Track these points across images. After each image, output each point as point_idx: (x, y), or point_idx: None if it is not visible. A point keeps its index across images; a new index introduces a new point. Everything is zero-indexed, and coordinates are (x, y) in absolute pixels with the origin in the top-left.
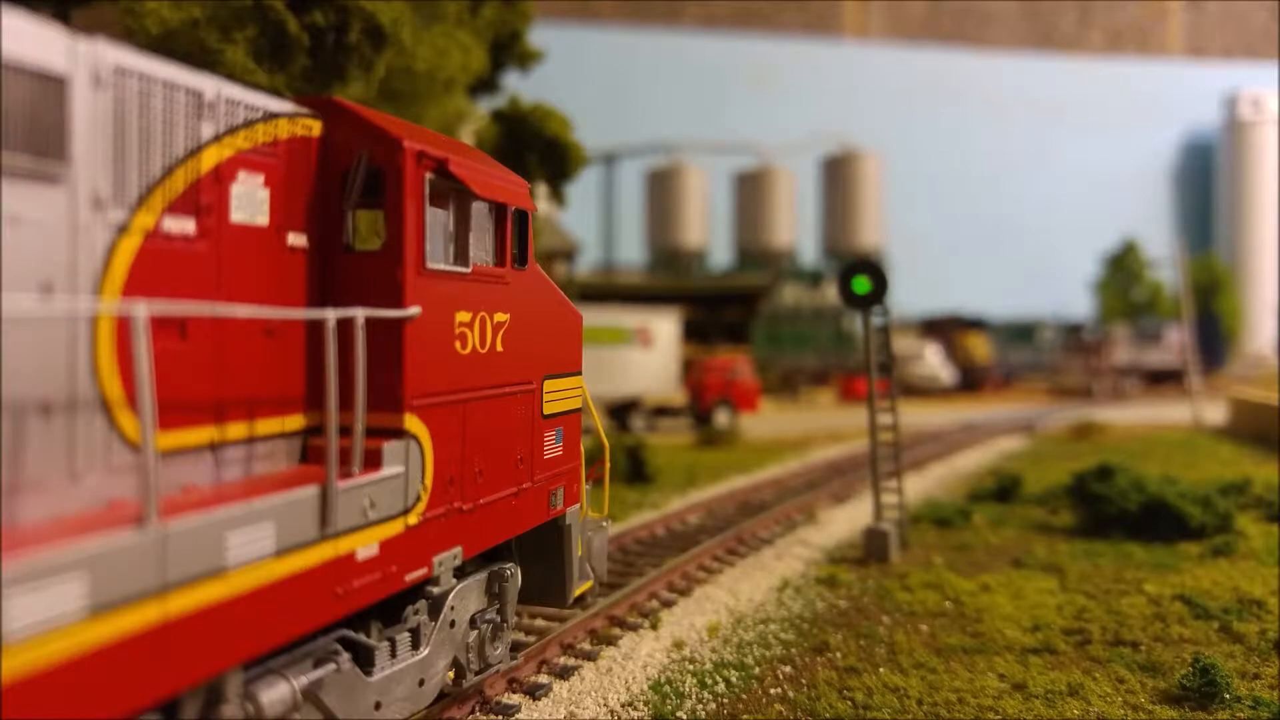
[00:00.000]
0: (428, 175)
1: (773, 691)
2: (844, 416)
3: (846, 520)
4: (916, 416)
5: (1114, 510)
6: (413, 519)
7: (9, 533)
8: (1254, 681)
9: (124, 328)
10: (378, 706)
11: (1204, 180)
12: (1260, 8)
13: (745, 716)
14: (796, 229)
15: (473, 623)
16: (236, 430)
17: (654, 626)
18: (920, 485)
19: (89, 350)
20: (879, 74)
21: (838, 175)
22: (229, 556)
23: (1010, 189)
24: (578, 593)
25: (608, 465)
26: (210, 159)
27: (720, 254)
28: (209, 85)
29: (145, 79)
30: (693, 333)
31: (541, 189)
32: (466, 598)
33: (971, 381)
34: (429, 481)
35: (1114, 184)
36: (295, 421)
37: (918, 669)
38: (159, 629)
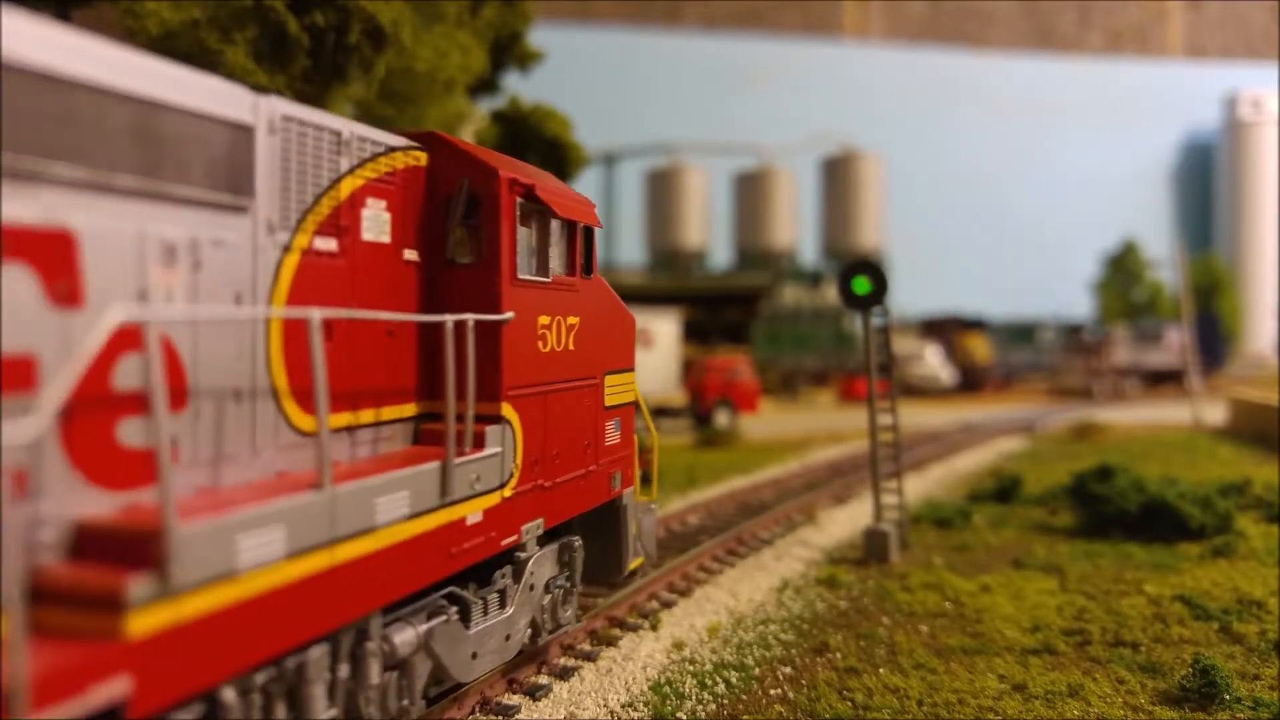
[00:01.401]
0: (518, 199)
1: (773, 692)
2: (844, 417)
3: (846, 521)
4: (916, 417)
5: (1114, 511)
6: (507, 492)
7: (221, 494)
8: (1254, 682)
9: (291, 329)
10: (474, 656)
11: (1204, 181)
12: (1260, 8)
13: (745, 717)
14: (796, 229)
15: (547, 588)
16: (367, 416)
17: (654, 627)
18: (920, 486)
19: (264, 348)
20: (879, 74)
21: (838, 176)
22: (378, 517)
23: (1010, 190)
24: (631, 568)
25: (656, 454)
26: (347, 188)
27: (720, 254)
28: (344, 126)
29: (301, 123)
30: (693, 333)
31: None
32: (543, 565)
33: (971, 382)
34: (519, 461)
35: (1114, 184)
36: (410, 409)
37: (918, 670)
38: (329, 573)
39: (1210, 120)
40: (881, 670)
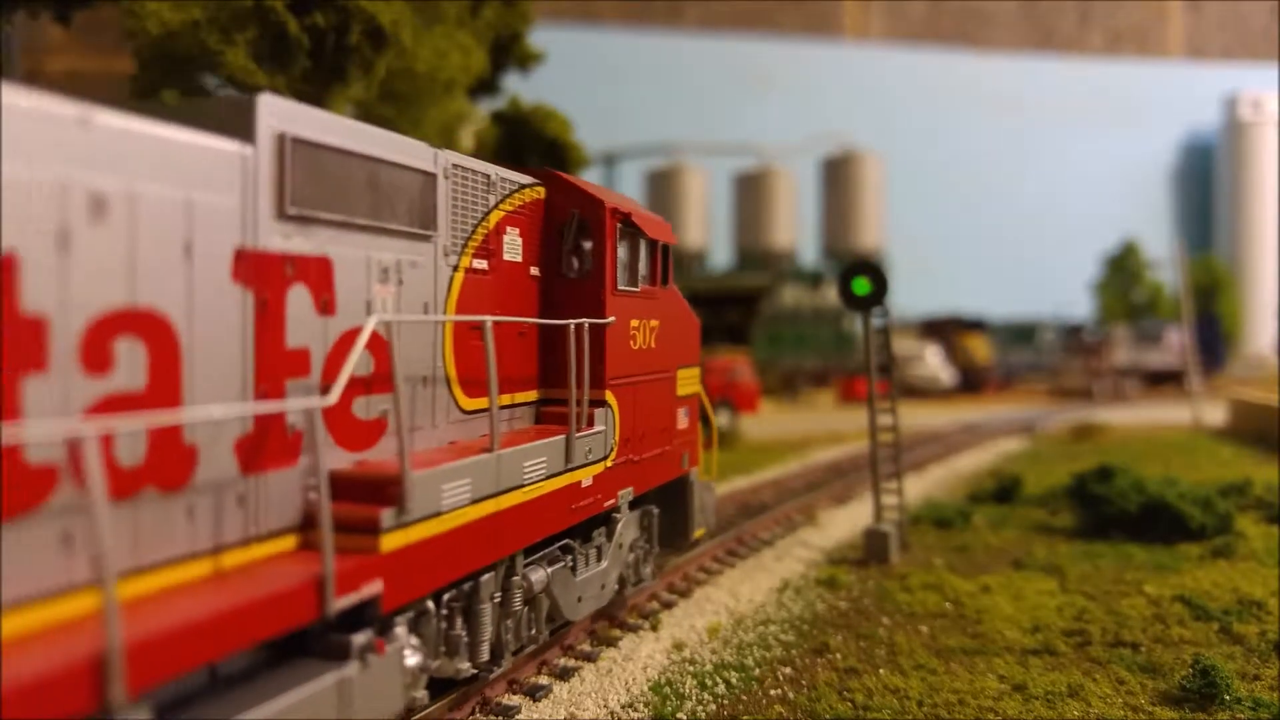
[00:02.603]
0: (618, 224)
1: (773, 693)
2: (844, 418)
3: (847, 521)
4: (916, 418)
5: (1114, 511)
6: (609, 463)
7: (418, 455)
8: (1254, 683)
9: (458, 331)
10: (579, 600)
11: (1204, 181)
12: (1260, 8)
13: (745, 717)
14: (797, 230)
15: (631, 548)
16: (505, 399)
17: (654, 628)
18: (920, 486)
19: (441, 346)
20: (879, 75)
21: (838, 176)
22: (526, 476)
23: (1010, 190)
24: (696, 535)
25: (715, 438)
26: (494, 219)
27: (720, 255)
28: (491, 170)
29: (464, 170)
30: None
31: None
32: (630, 528)
33: (971, 383)
34: (617, 438)
35: (1114, 185)
36: (533, 395)
37: (918, 670)
38: (495, 517)
39: (1210, 121)
40: (882, 671)
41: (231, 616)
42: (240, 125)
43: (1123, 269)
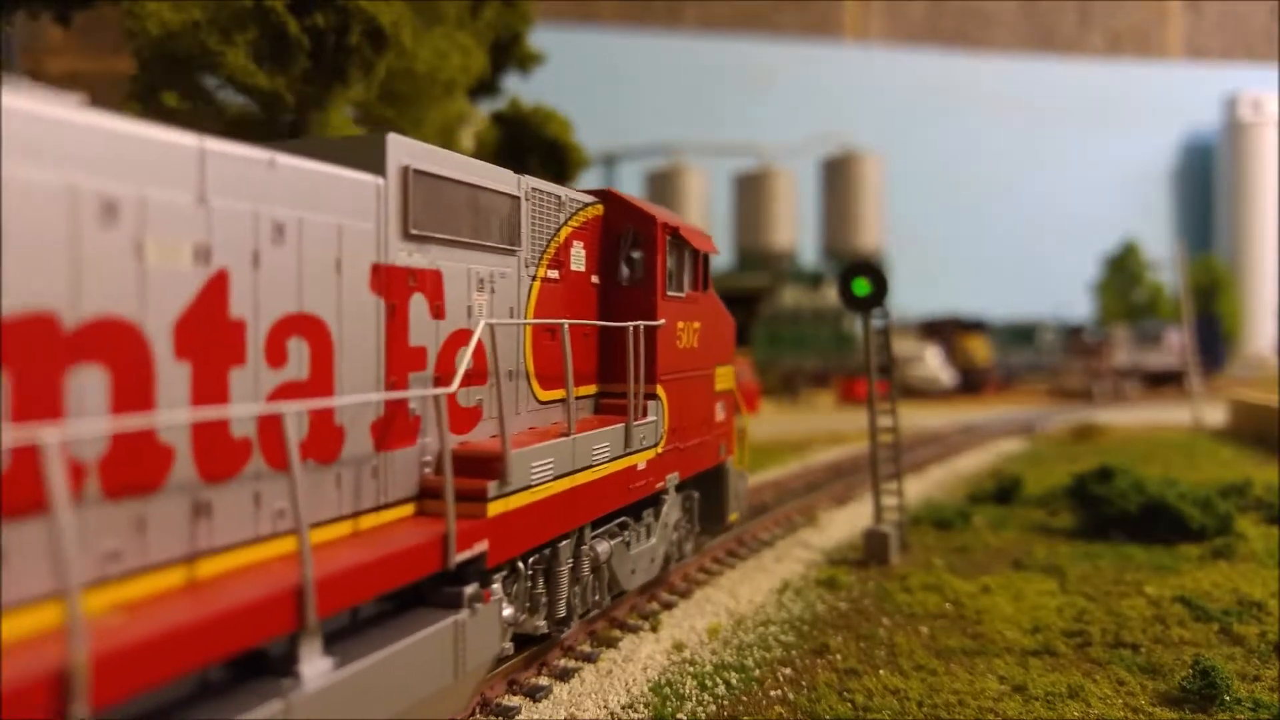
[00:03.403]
0: (668, 237)
1: (773, 693)
2: (844, 418)
3: (847, 522)
4: (916, 418)
5: (1114, 512)
6: (659, 449)
7: (517, 436)
8: (1254, 684)
9: (536, 332)
10: (633, 572)
11: (1204, 182)
12: (1259, 9)
13: (745, 718)
14: (797, 230)
15: (675, 527)
16: (562, 393)
17: (654, 629)
18: (920, 487)
19: (522, 344)
20: (879, 75)
21: (838, 176)
22: (594, 458)
23: (1010, 190)
24: (730, 519)
25: (747, 430)
26: (563, 234)
27: (720, 255)
28: (562, 192)
29: (541, 193)
30: None
31: None
32: (674, 509)
33: (971, 383)
34: (665, 427)
35: (1114, 186)
36: (593, 389)
37: (918, 671)
38: (571, 492)
39: (1210, 121)
40: (882, 671)
41: (384, 563)
42: (373, 160)
43: (1123, 269)
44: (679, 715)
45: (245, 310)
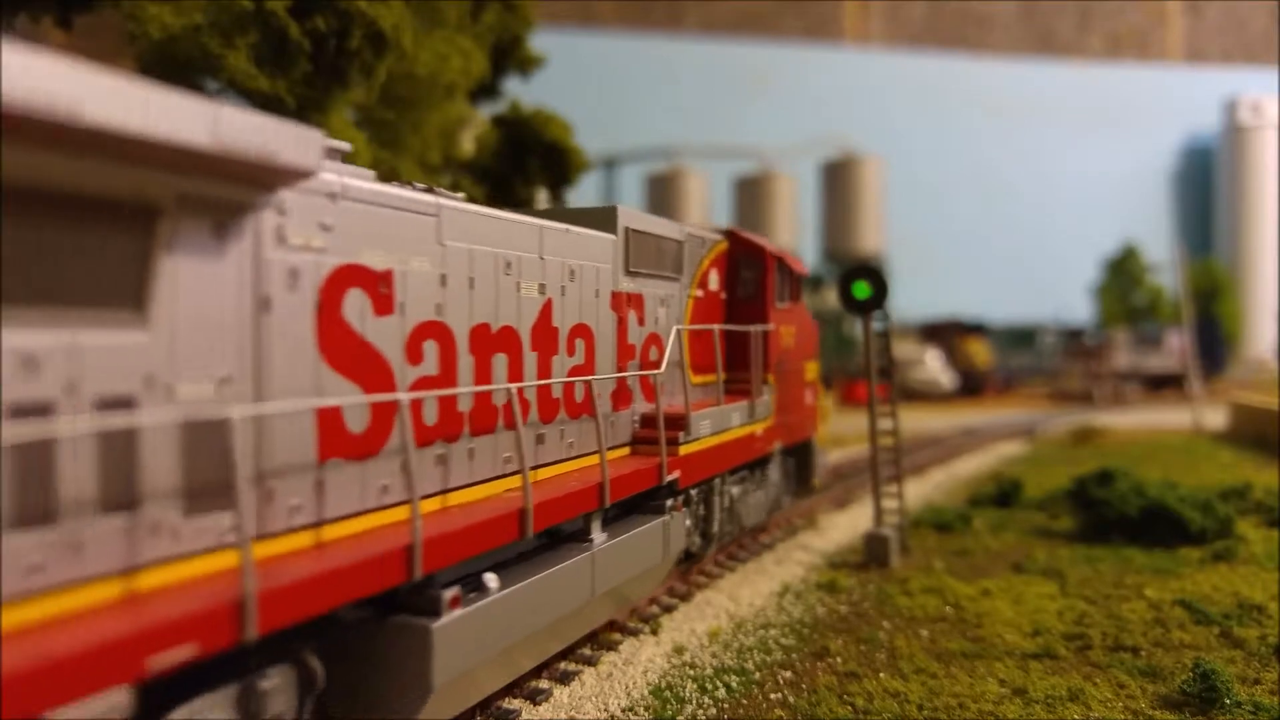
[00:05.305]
0: (775, 263)
1: (773, 696)
2: (844, 421)
3: (847, 525)
4: (917, 421)
5: (1114, 515)
6: (770, 422)
7: (675, 408)
8: (1254, 687)
9: (692, 334)
10: (749, 513)
11: (1204, 185)
12: (1260, 12)
13: None
14: (797, 233)
15: (777, 484)
16: (712, 377)
17: (654, 632)
18: (920, 490)
19: (681, 344)
20: (879, 78)
21: (838, 179)
22: (731, 422)
23: (1010, 193)
24: (814, 484)
25: (828, 415)
26: (705, 264)
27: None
28: (704, 233)
29: (694, 236)
30: None
31: (542, 194)
32: (777, 469)
33: (972, 386)
34: (774, 405)
35: (1114, 189)
36: (723, 376)
37: (918, 674)
38: (719, 446)
39: (1210, 124)
40: (882, 674)
41: (637, 474)
42: (608, 223)
43: (1123, 272)
44: (679, 718)
45: (559, 321)
